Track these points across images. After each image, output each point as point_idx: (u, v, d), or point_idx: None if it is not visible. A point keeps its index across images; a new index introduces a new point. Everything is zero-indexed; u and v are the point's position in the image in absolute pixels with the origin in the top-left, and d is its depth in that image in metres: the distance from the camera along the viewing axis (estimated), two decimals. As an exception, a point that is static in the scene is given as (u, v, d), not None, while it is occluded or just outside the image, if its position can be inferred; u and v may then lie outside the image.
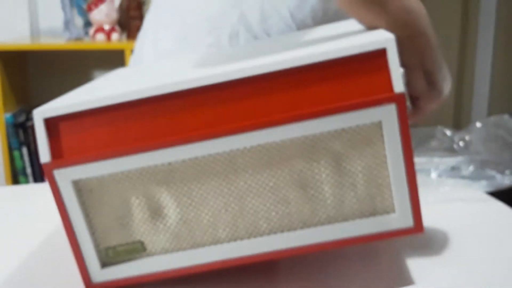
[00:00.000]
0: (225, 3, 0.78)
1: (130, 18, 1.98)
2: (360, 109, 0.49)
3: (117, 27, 1.94)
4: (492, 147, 1.01)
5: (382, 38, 0.49)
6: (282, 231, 0.53)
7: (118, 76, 0.69)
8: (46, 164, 0.51)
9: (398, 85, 0.48)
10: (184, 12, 0.83)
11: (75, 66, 2.17)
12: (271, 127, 0.49)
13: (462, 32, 2.70)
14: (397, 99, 0.48)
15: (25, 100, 2.11)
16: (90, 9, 1.88)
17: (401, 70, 0.52)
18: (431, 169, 0.85)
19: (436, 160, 0.86)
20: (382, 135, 0.50)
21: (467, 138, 1.03)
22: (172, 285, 0.56)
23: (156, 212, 0.53)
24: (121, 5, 1.99)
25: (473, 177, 0.83)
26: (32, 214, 0.80)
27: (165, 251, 0.54)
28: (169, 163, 0.51)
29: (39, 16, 2.12)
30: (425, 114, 0.60)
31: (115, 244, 0.54)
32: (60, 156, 0.52)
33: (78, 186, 0.52)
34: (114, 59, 2.09)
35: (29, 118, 1.95)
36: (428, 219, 0.69)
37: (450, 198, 0.77)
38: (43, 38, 2.06)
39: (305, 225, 0.53)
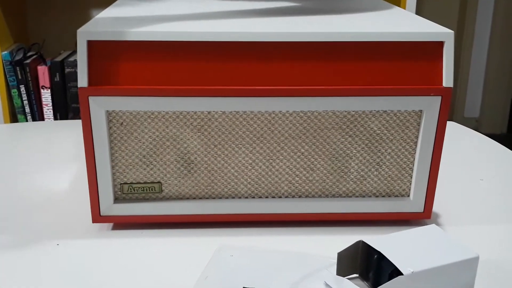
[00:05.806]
0: None
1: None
2: (407, 96, 0.50)
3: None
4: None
5: (442, 30, 0.51)
6: (301, 196, 0.54)
7: (163, 4, 0.66)
8: (82, 89, 0.50)
9: (449, 79, 0.50)
10: None
11: (72, 5, 2.18)
12: (316, 96, 0.50)
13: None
14: (444, 93, 0.50)
15: (23, 38, 2.07)
16: None
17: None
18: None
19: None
20: (419, 124, 0.52)
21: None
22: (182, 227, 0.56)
23: (183, 157, 0.53)
24: None
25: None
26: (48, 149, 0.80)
27: (182, 196, 0.55)
28: (209, 112, 0.51)
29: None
30: None
31: (132, 181, 0.54)
32: (98, 84, 0.50)
33: (110, 117, 0.51)
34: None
35: (26, 56, 1.91)
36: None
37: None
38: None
39: (324, 194, 0.54)
